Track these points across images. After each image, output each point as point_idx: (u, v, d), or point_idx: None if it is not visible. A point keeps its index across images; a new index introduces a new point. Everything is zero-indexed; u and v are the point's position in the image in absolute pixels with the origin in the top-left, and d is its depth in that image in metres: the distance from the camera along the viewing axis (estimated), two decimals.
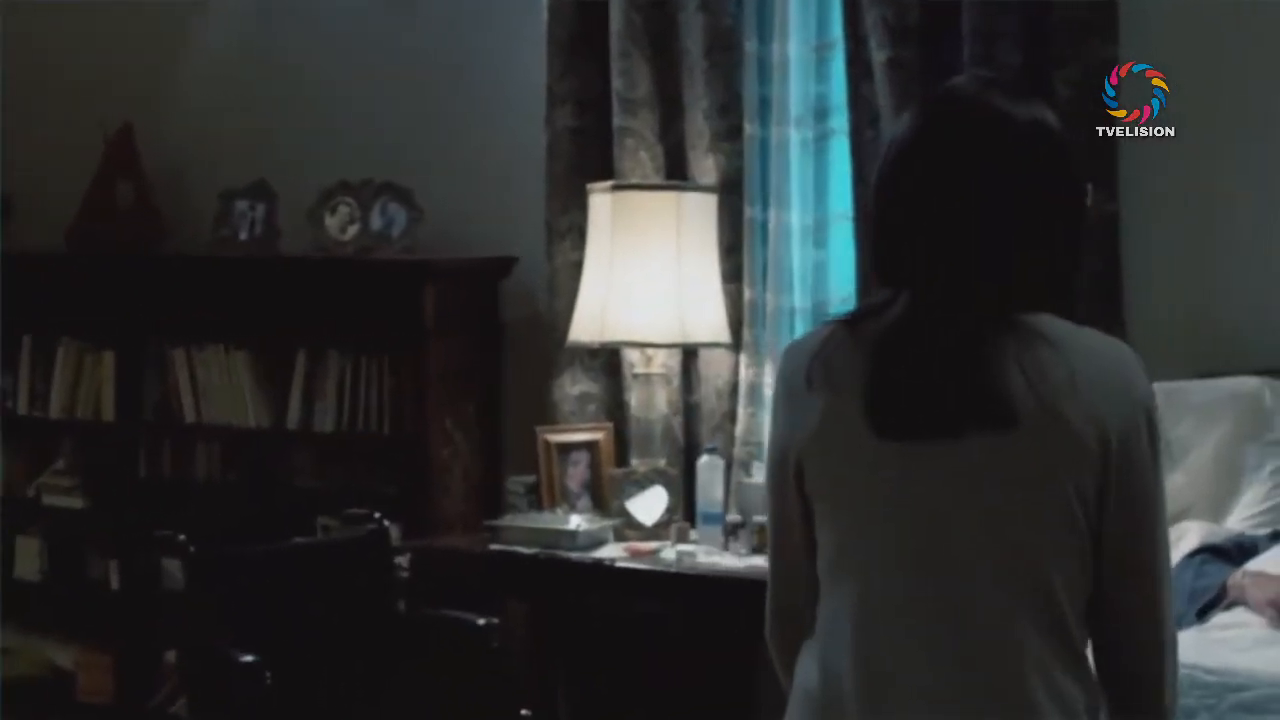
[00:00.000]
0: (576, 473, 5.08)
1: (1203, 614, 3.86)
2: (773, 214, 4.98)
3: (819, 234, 5.00)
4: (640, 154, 5.11)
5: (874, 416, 2.10)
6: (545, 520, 4.85)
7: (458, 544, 5.03)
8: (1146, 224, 4.61)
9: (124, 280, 5.67)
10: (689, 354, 5.12)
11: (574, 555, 4.73)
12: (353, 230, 5.45)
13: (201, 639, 4.04)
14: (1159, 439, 2.12)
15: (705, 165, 5.03)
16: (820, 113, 4.98)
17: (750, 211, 5.01)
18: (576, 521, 4.81)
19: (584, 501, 5.06)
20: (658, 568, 4.66)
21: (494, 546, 4.84)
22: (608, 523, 4.90)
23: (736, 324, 5.02)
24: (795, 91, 4.96)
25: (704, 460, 4.91)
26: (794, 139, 4.96)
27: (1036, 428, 2.04)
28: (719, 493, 4.89)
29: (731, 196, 5.01)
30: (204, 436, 5.66)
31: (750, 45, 5.00)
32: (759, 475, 4.88)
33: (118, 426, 5.74)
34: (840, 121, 4.91)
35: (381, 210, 5.44)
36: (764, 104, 5.01)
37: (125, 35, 5.99)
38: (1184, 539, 4.20)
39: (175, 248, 5.80)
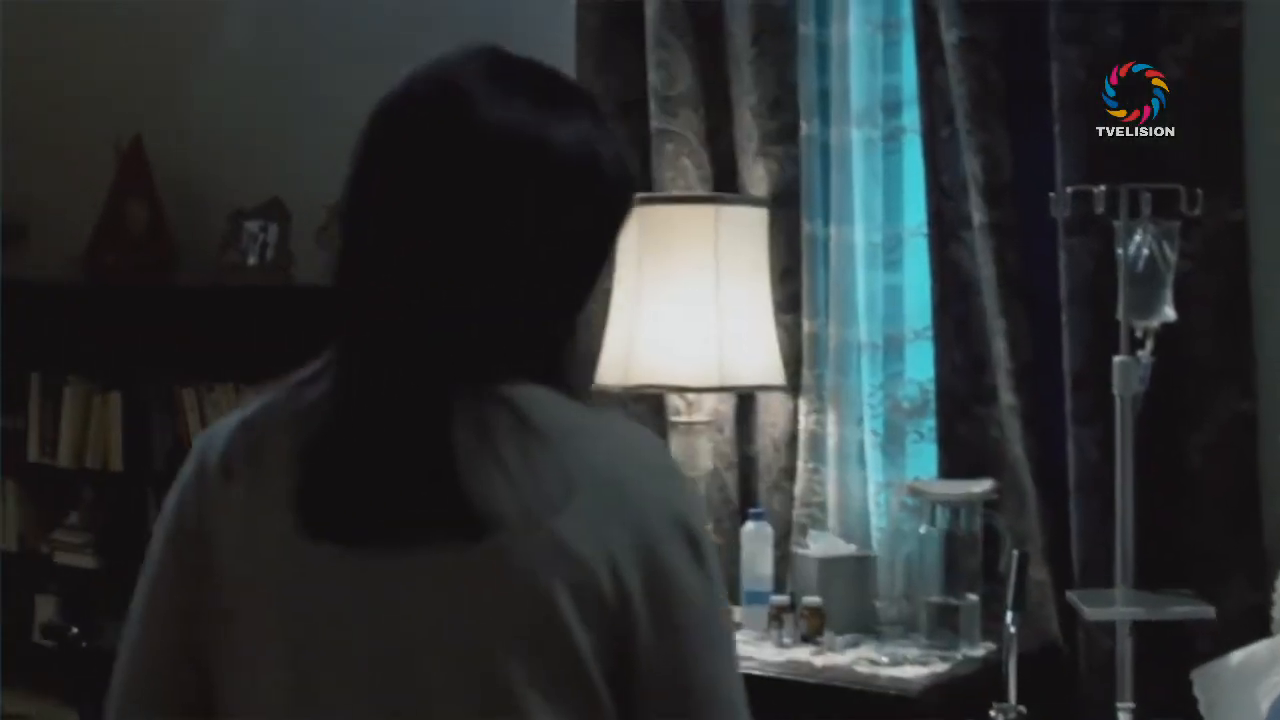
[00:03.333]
0: None
1: None
2: (834, 230, 4.14)
3: (890, 253, 4.14)
4: (682, 161, 4.31)
5: (306, 518, 1.58)
6: None
7: None
8: None
9: (128, 312, 5.02)
10: (745, 399, 4.30)
11: None
12: None
13: None
14: (706, 554, 1.62)
15: (756, 173, 4.21)
16: (890, 107, 4.12)
17: (809, 227, 4.17)
18: None
19: None
20: None
21: None
22: None
23: (795, 362, 4.19)
24: (857, 82, 4.11)
25: (749, 528, 4.10)
26: (857, 139, 4.11)
27: (522, 544, 1.55)
28: (767, 566, 4.07)
29: (787, 210, 4.18)
30: None
31: (807, 28, 4.16)
32: (819, 545, 4.05)
33: (126, 476, 5.09)
34: (913, 117, 4.05)
35: None
36: (823, 98, 4.17)
37: (137, 43, 5.35)
38: None
39: (185, 276, 5.13)
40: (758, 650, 3.84)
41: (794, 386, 4.19)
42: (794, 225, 4.18)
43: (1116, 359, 3.45)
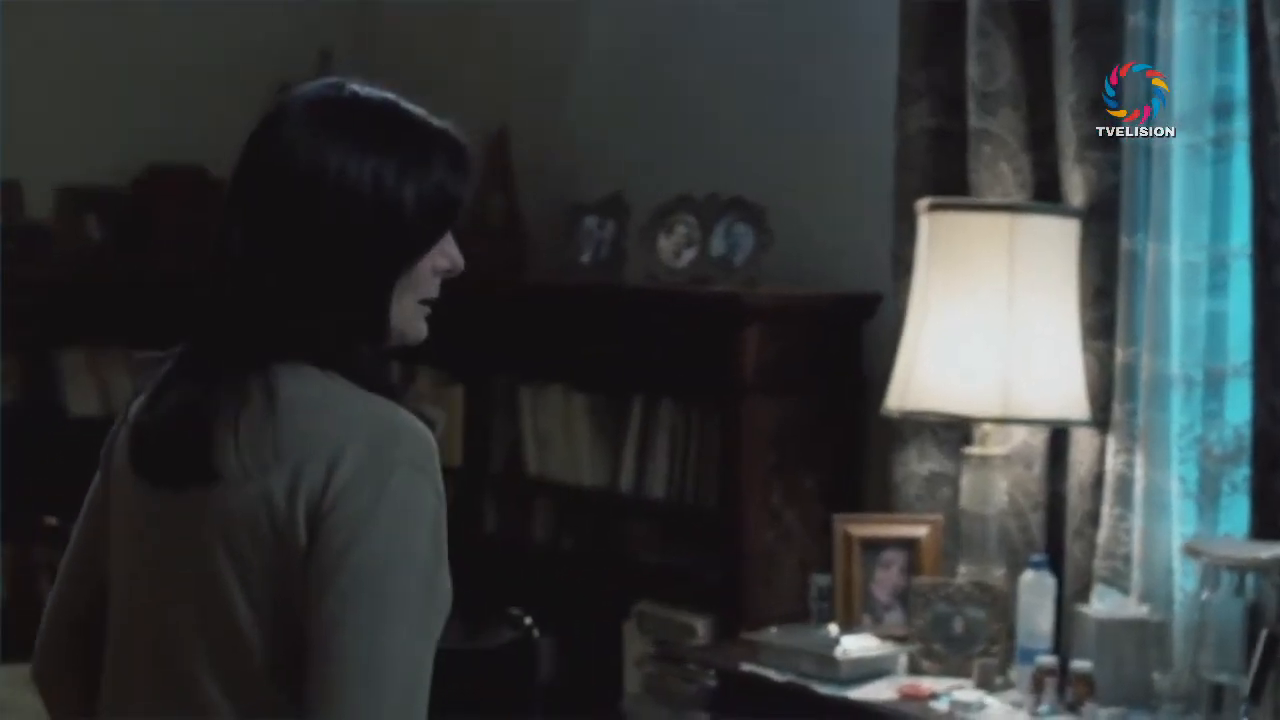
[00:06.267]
0: (887, 577, 3.93)
1: None
2: (1152, 247, 3.64)
3: (1215, 275, 3.61)
4: (1000, 165, 3.88)
5: (132, 460, 2.00)
6: (809, 639, 3.72)
7: (714, 659, 3.97)
8: None
9: (479, 306, 4.89)
10: (1059, 432, 3.85)
11: (826, 690, 3.59)
12: (689, 255, 4.47)
13: None
14: (409, 527, 1.86)
15: (1073, 181, 3.76)
16: (1222, 110, 3.59)
17: (1128, 243, 3.69)
18: (846, 646, 3.66)
19: (894, 616, 3.90)
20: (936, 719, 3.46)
21: (745, 667, 3.76)
22: (896, 649, 3.73)
23: (1105, 395, 3.72)
24: (1182, 81, 3.60)
25: (1027, 577, 3.66)
26: (1179, 145, 3.60)
27: (235, 492, 1.90)
28: (1045, 623, 3.62)
29: (1102, 222, 3.72)
30: (543, 493, 4.83)
31: (1136, 18, 3.67)
32: (1105, 603, 3.58)
33: (464, 473, 4.98)
34: (1244, 122, 3.53)
35: (726, 232, 4.43)
36: (1151, 99, 3.67)
37: (510, 31, 5.26)
38: None
39: (531, 273, 5.00)
40: (1002, 717, 3.41)
41: (1101, 422, 3.71)
42: (1110, 240, 3.71)
43: None
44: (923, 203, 3.79)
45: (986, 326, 3.63)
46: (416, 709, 1.85)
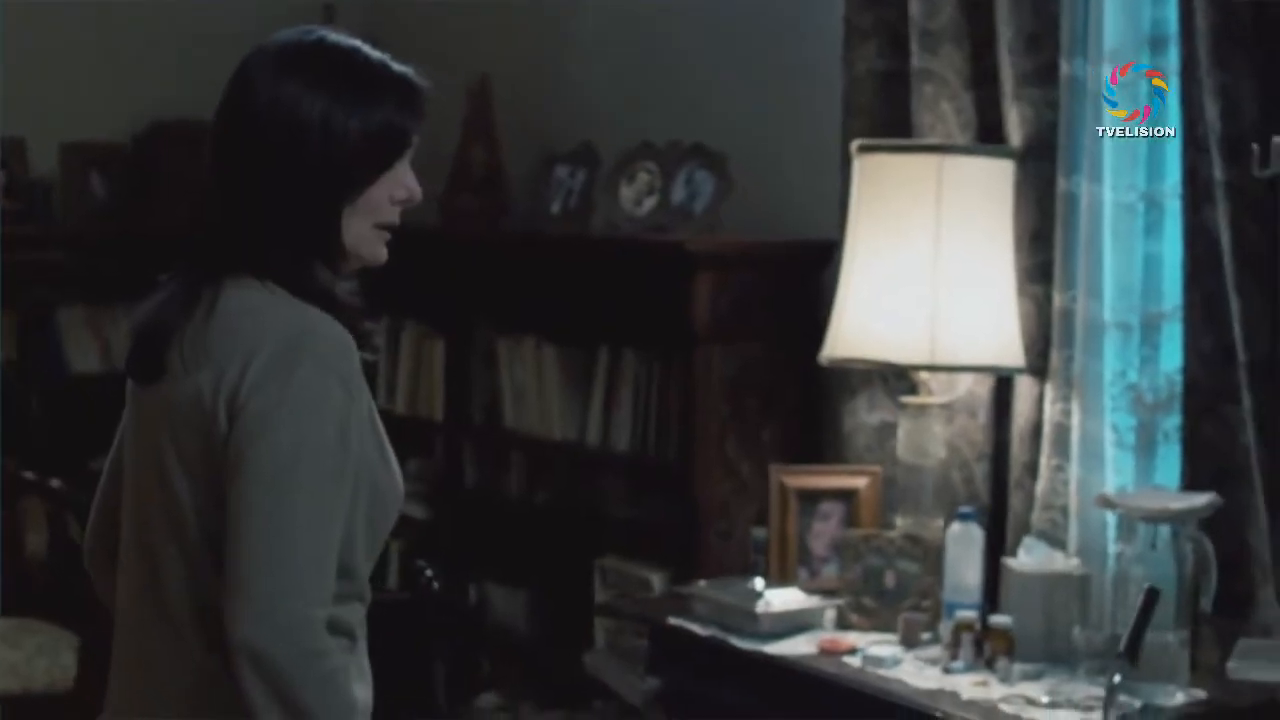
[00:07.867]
0: (825, 530, 3.83)
1: None
2: (1086, 188, 3.51)
3: (1150, 216, 3.47)
4: (942, 105, 3.76)
5: (126, 365, 2.25)
6: (733, 593, 3.63)
7: (647, 611, 3.90)
8: None
9: (459, 259, 4.84)
10: (1004, 382, 3.73)
11: (745, 644, 3.51)
12: (650, 203, 4.38)
13: None
14: (313, 421, 2.07)
15: (1012, 119, 3.64)
16: (1157, 44, 3.45)
17: (1065, 184, 3.56)
18: (769, 599, 3.57)
19: (832, 568, 3.80)
20: (841, 674, 3.36)
21: (673, 620, 3.68)
22: (823, 603, 3.63)
23: (1042, 341, 3.60)
24: (1114, 13, 3.46)
25: (954, 530, 3.55)
26: (1109, 80, 3.47)
27: (176, 387, 2.14)
28: (972, 576, 3.51)
29: (1039, 162, 3.59)
30: (519, 446, 4.78)
31: None
32: (1031, 556, 3.47)
33: (446, 427, 4.94)
34: (1176, 57, 3.39)
35: (687, 179, 4.34)
36: (1085, 34, 3.54)
37: None
38: None
39: (508, 223, 4.93)
40: (918, 675, 3.31)
41: (1039, 370, 3.59)
42: (1047, 181, 3.58)
43: None
44: (854, 144, 3.68)
45: (914, 271, 3.52)
46: (320, 589, 2.05)
